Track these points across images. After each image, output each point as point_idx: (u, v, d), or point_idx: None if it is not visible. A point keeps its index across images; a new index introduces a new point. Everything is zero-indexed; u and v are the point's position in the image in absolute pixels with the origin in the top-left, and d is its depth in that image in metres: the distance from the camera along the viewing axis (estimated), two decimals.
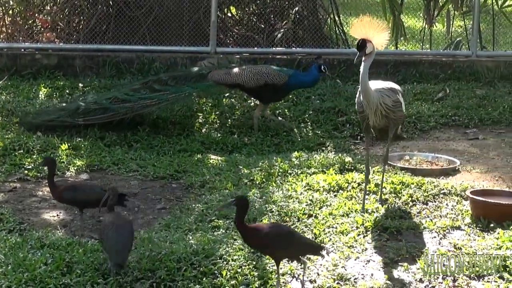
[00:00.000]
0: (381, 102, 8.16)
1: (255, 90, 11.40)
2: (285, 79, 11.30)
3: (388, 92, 8.31)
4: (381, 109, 8.16)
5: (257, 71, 11.47)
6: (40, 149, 10.27)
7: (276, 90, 11.39)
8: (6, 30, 14.62)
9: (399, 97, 8.38)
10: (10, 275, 6.73)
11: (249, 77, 11.38)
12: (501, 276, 6.99)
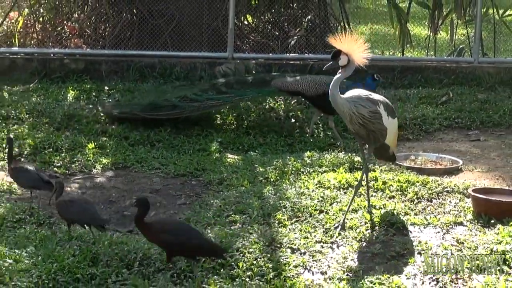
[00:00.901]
0: (354, 111, 7.82)
1: (315, 98, 11.28)
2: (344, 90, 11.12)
3: (365, 102, 7.87)
4: (356, 119, 7.85)
5: (317, 81, 11.36)
6: (68, 148, 10.30)
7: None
8: (37, 36, 14.65)
9: (379, 109, 7.89)
10: (41, 265, 6.76)
11: (309, 86, 11.29)
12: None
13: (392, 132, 8.14)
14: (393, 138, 8.29)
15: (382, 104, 7.93)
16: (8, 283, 6.53)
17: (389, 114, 7.99)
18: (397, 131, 8.45)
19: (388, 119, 7.96)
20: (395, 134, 8.35)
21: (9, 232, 7.68)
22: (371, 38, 18.29)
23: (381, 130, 7.97)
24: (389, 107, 8.06)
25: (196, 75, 13.62)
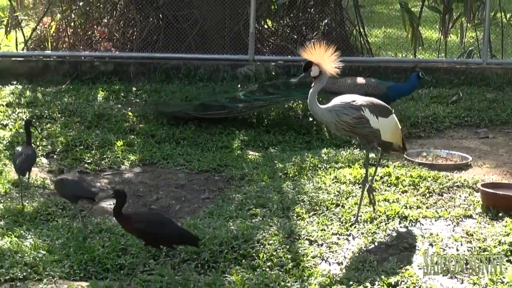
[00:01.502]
0: (337, 120, 7.60)
1: None
2: (384, 91, 11.11)
3: (347, 109, 7.58)
4: (341, 126, 7.62)
5: (358, 82, 11.32)
6: (98, 145, 10.32)
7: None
8: (69, 40, 14.69)
9: (364, 114, 7.59)
10: (72, 256, 6.80)
11: (350, 88, 11.16)
12: (508, 259, 6.97)
13: (388, 131, 7.91)
14: (393, 135, 8.06)
15: (367, 108, 7.65)
16: (41, 273, 6.57)
17: (378, 115, 7.72)
18: (398, 126, 8.12)
19: (378, 120, 7.71)
20: (395, 131, 8.08)
21: (42, 225, 7.71)
22: (384, 41, 18.32)
23: (372, 132, 7.75)
24: (377, 108, 7.78)
25: (219, 77, 13.64)
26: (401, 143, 8.24)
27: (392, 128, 7.98)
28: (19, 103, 11.96)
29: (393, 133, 8.03)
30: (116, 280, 6.42)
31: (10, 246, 7.00)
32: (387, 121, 7.86)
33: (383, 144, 8.05)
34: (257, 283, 6.27)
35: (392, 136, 8.02)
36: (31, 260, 6.72)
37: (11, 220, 7.75)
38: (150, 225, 6.47)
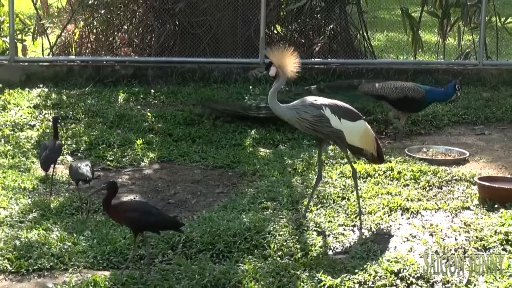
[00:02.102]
0: (297, 117, 7.42)
1: (396, 101, 11.07)
2: (422, 94, 10.99)
3: (308, 107, 7.39)
4: (302, 123, 7.46)
5: (399, 86, 11.18)
6: (119, 144, 10.33)
7: (414, 103, 11.08)
8: (91, 46, 14.71)
9: (324, 112, 7.38)
10: (96, 247, 6.82)
11: (392, 90, 11.09)
12: (504, 248, 6.96)
13: (354, 134, 7.62)
14: (361, 140, 7.73)
15: (328, 107, 7.43)
16: (67, 263, 6.59)
17: (342, 117, 7.47)
18: (369, 133, 7.78)
19: (341, 121, 7.45)
20: (364, 137, 7.74)
21: (68, 218, 7.74)
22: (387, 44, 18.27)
23: (334, 132, 7.50)
24: (341, 110, 7.53)
25: (231, 79, 13.63)
26: (374, 152, 7.86)
27: (359, 133, 7.69)
28: (45, 105, 11.98)
29: (361, 139, 7.72)
30: (137, 269, 6.43)
31: (38, 238, 7.03)
32: (353, 125, 7.59)
33: (352, 148, 7.80)
34: (268, 272, 6.27)
35: (360, 141, 7.73)
36: (58, 251, 6.75)
37: (39, 214, 7.77)
38: (141, 214, 6.45)
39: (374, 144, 7.82)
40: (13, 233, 7.17)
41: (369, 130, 7.80)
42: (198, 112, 11.73)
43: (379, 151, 7.95)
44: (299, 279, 6.16)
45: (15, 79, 13.17)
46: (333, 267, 6.46)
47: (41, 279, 6.38)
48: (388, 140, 11.24)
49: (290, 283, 6.07)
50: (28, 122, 11.13)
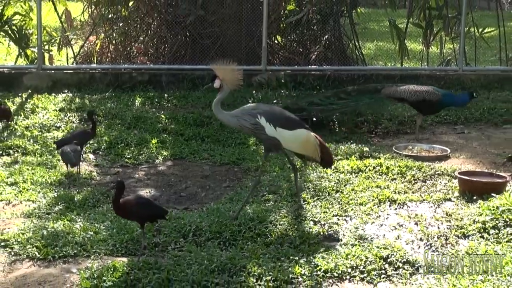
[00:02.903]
0: (238, 125, 7.33)
1: (416, 103, 10.99)
2: (439, 97, 10.88)
3: (246, 116, 7.26)
4: (244, 130, 7.40)
5: (418, 89, 11.07)
6: (136, 143, 10.32)
7: (431, 105, 10.96)
8: (111, 55, 14.73)
9: (259, 121, 7.21)
10: (115, 236, 6.82)
11: (412, 94, 10.98)
12: (481, 235, 6.95)
13: (291, 141, 7.43)
14: (301, 147, 7.54)
15: (263, 116, 7.24)
16: (89, 250, 6.59)
17: (277, 125, 7.27)
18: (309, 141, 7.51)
19: (277, 130, 7.25)
20: (304, 145, 7.52)
21: (90, 210, 7.75)
22: (376, 53, 18.29)
23: (269, 139, 7.32)
24: (279, 119, 7.34)
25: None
26: (317, 157, 7.61)
27: (297, 141, 7.47)
28: (69, 108, 12.00)
29: (300, 146, 7.52)
30: (152, 256, 6.44)
31: (63, 228, 7.03)
32: (290, 133, 7.37)
33: (298, 155, 7.72)
34: (270, 257, 6.28)
35: (299, 148, 7.56)
36: (81, 239, 6.75)
37: (64, 206, 7.78)
38: (144, 207, 6.43)
39: (317, 151, 7.54)
40: (41, 224, 7.18)
41: (309, 138, 7.52)
42: (206, 114, 11.71)
43: (325, 156, 7.68)
44: (298, 264, 6.16)
45: (42, 85, 13.20)
46: (328, 253, 6.46)
47: (66, 265, 6.38)
48: (378, 139, 11.23)
49: (289, 268, 6.07)
50: (54, 124, 11.15)
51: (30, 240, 6.74)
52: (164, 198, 8.41)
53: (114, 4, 14.74)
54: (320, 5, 14.97)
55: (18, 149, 9.95)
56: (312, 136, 7.54)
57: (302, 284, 5.87)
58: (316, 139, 7.55)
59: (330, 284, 5.96)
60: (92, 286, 5.81)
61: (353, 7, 15.43)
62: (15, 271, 6.29)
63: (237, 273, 5.96)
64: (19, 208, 7.85)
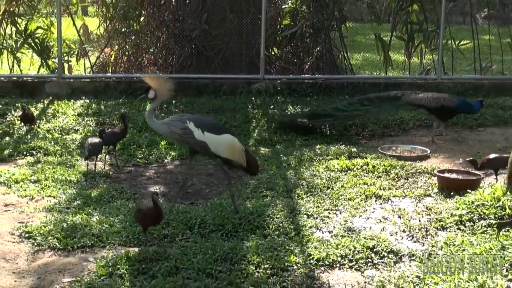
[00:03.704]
0: (169, 131, 7.15)
1: (434, 109, 10.97)
2: (455, 103, 10.89)
3: (176, 122, 7.11)
4: (174, 136, 7.20)
5: (436, 97, 11.07)
6: (147, 145, 10.34)
7: (449, 111, 10.98)
8: (124, 65, 14.74)
9: (188, 125, 7.03)
10: (128, 228, 6.84)
11: (431, 100, 10.95)
12: (458, 227, 6.95)
13: (219, 145, 7.19)
14: (226, 151, 7.28)
15: (192, 121, 7.07)
16: (105, 241, 6.59)
17: (205, 130, 7.08)
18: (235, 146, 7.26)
19: (205, 134, 7.06)
20: (231, 149, 7.27)
21: (105, 205, 7.74)
22: (363, 63, 18.31)
23: (199, 143, 7.11)
24: (206, 125, 7.15)
25: (237, 92, 13.62)
26: (243, 162, 7.33)
27: (224, 145, 7.22)
28: (87, 113, 12.00)
29: (226, 150, 7.26)
30: (161, 246, 6.43)
31: (81, 221, 7.03)
32: (217, 137, 7.16)
33: (222, 159, 7.39)
34: (268, 247, 6.27)
35: (225, 152, 7.27)
36: (97, 231, 6.75)
37: (82, 202, 7.78)
38: (152, 214, 6.24)
39: (243, 156, 7.30)
40: (61, 217, 7.17)
41: (235, 144, 7.28)
42: None
43: (250, 162, 7.44)
44: (293, 253, 6.15)
45: (62, 92, 13.20)
46: (320, 244, 6.45)
47: (83, 254, 6.38)
48: (365, 141, 11.23)
49: (285, 257, 6.06)
50: (73, 127, 11.15)
51: (51, 232, 6.74)
52: (172, 194, 8.41)
53: (127, 19, 14.74)
54: (312, 20, 14.98)
55: (40, 150, 9.95)
56: (238, 142, 7.36)
57: (297, 271, 5.86)
58: (241, 146, 7.37)
59: (322, 271, 5.95)
60: (107, 273, 5.80)
61: (342, 22, 15.45)
62: (38, 260, 6.29)
63: (238, 262, 5.96)
64: (42, 203, 7.85)
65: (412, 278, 5.69)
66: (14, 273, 6.00)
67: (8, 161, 9.61)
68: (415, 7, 15.26)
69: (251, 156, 7.55)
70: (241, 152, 7.30)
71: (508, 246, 6.22)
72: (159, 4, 14.95)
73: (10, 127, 11.11)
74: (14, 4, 13.92)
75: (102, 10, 15.17)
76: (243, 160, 7.33)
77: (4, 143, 10.34)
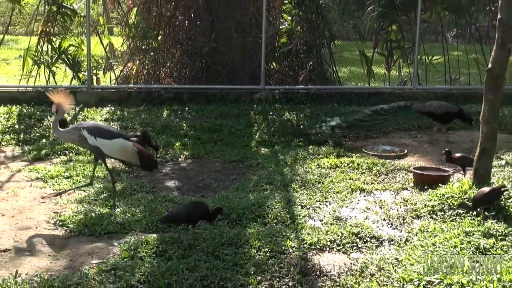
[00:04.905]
0: (70, 138, 7.17)
1: (440, 115, 10.97)
2: (456, 110, 10.95)
3: (73, 130, 7.07)
4: (78, 142, 7.13)
5: (441, 105, 11.11)
6: (164, 145, 10.32)
7: (451, 116, 11.00)
8: (144, 77, 14.74)
9: (82, 133, 6.98)
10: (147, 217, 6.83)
11: (437, 108, 10.98)
12: (431, 216, 6.95)
13: (111, 149, 7.13)
14: (119, 153, 7.24)
15: (85, 129, 7.00)
16: (128, 228, 6.59)
17: (97, 136, 7.02)
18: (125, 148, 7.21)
19: (97, 139, 7.01)
20: (122, 151, 7.22)
21: (128, 197, 7.74)
22: (349, 75, 18.30)
23: (93, 147, 7.09)
24: (99, 132, 7.07)
25: (241, 100, 13.60)
26: (136, 162, 7.32)
27: (116, 148, 7.16)
28: (112, 118, 11.99)
29: (119, 153, 7.24)
30: (176, 232, 6.43)
31: (107, 211, 7.04)
32: (109, 142, 7.09)
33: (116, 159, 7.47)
34: (267, 234, 6.26)
35: (119, 155, 7.28)
36: (121, 220, 6.75)
37: (108, 195, 7.77)
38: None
39: (135, 156, 7.26)
40: (90, 208, 7.18)
41: (126, 146, 7.21)
42: (218, 123, 11.71)
43: (145, 161, 7.40)
44: (289, 239, 6.15)
45: (91, 101, 13.20)
46: (312, 230, 6.45)
47: (109, 240, 6.37)
48: (350, 142, 11.21)
49: (282, 242, 6.06)
50: None
51: (82, 220, 6.75)
52: (185, 188, 8.41)
53: (147, 38, 14.74)
54: (305, 39, 14.97)
55: (72, 150, 9.95)
56: (130, 144, 7.27)
57: (292, 254, 5.86)
58: (134, 147, 7.28)
59: (314, 254, 5.94)
60: (130, 256, 5.81)
61: (331, 40, 15.46)
62: (70, 244, 6.30)
63: (242, 246, 5.96)
64: (73, 196, 7.85)
65: (392, 260, 5.69)
66: (49, 256, 6.01)
67: (44, 160, 9.63)
68: (394, 27, 15.26)
69: (145, 155, 7.44)
70: (134, 153, 7.25)
71: (474, 232, 6.22)
72: (174, 25, 14.95)
73: (46, 130, 11.11)
74: (50, 25, 13.91)
75: (126, 30, 15.18)
76: (136, 160, 7.29)
77: (42, 144, 10.35)
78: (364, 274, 5.45)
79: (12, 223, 6.85)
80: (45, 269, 5.64)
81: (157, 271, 5.36)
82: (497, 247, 5.86)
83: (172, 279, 5.23)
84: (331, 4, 15.52)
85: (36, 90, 13.38)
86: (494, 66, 7.35)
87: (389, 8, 15.15)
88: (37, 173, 8.76)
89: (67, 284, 5.18)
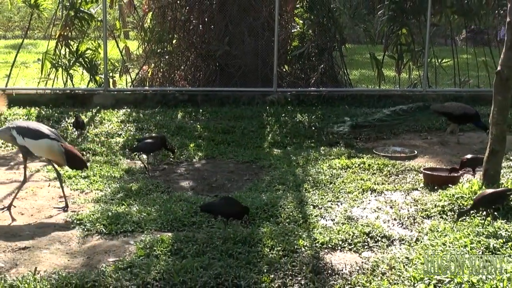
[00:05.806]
0: (3, 137, 7.22)
1: (458, 116, 10.88)
2: (474, 112, 10.84)
3: (4, 130, 7.08)
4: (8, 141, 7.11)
5: (459, 106, 11.01)
6: (178, 146, 10.31)
7: (468, 117, 10.87)
8: (159, 80, 14.78)
9: (12, 133, 6.98)
10: (162, 217, 6.83)
11: (455, 109, 10.89)
12: (441, 216, 6.92)
13: (38, 149, 7.10)
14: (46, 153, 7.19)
15: (15, 130, 6.98)
16: (143, 227, 6.61)
17: (25, 136, 6.99)
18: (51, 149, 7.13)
19: (25, 139, 6.99)
20: (48, 152, 7.16)
21: (144, 197, 7.75)
22: (360, 78, 18.25)
23: (21, 147, 7.08)
24: (27, 132, 7.02)
25: (254, 102, 13.61)
26: (63, 161, 7.26)
27: (41, 148, 7.12)
28: (128, 120, 12.03)
29: (46, 153, 7.19)
30: (190, 231, 6.44)
31: (124, 210, 7.06)
32: (35, 142, 7.05)
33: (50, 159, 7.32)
34: (280, 233, 6.26)
35: (46, 154, 7.23)
36: (137, 219, 6.77)
37: (124, 194, 7.80)
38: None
39: (62, 156, 7.18)
40: (106, 207, 7.20)
41: (52, 147, 7.12)
42: (231, 124, 11.72)
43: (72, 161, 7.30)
44: (301, 238, 6.14)
45: (108, 103, 13.25)
46: (324, 230, 6.44)
47: (125, 238, 6.39)
48: (361, 143, 11.17)
49: (294, 241, 6.05)
50: (117, 132, 11.18)
51: (99, 219, 6.77)
52: (199, 188, 8.41)
53: (162, 42, 14.79)
54: (317, 42, 14.95)
55: (89, 151, 10.00)
56: (56, 144, 7.16)
57: (304, 253, 5.85)
58: (61, 147, 7.17)
59: (325, 253, 5.93)
60: (145, 254, 5.82)
61: (342, 43, 15.42)
62: (87, 243, 6.31)
63: (255, 245, 5.95)
64: (90, 195, 7.88)
65: (402, 259, 5.67)
66: (67, 254, 6.03)
67: None
68: (404, 30, 15.20)
69: (72, 156, 7.33)
70: (60, 153, 7.20)
71: (483, 232, 6.18)
72: (189, 29, 14.98)
73: (64, 131, 11.16)
74: (67, 29, 13.98)
75: (141, 34, 15.23)
76: (62, 160, 7.25)
77: None
78: (375, 272, 5.43)
79: (31, 222, 6.88)
80: (63, 267, 5.67)
81: (172, 269, 5.37)
82: (507, 247, 5.82)
83: (186, 277, 5.23)
84: (342, 8, 15.49)
85: (54, 93, 13.47)
86: (503, 69, 7.32)
87: (399, 12, 15.10)
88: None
89: (85, 281, 5.19)
